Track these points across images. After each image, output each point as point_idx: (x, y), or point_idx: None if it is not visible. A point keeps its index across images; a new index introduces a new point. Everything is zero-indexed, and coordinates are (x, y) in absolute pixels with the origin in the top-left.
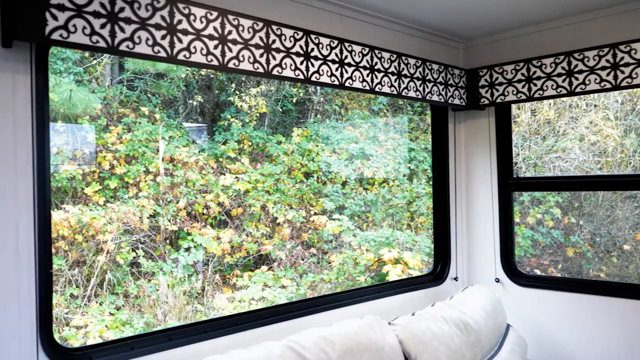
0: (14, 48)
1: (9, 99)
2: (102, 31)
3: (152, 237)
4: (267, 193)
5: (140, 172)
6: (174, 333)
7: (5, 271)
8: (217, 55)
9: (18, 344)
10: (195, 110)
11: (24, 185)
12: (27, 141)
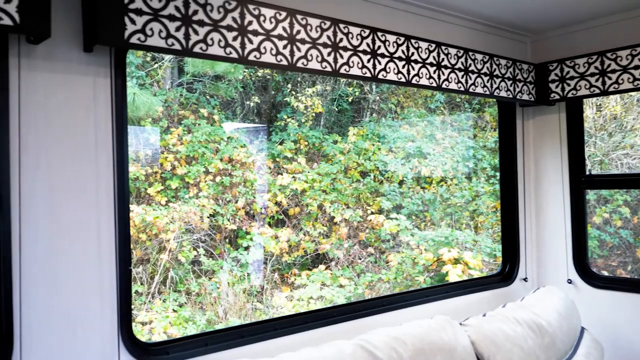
0: (95, 52)
1: (91, 101)
2: (177, 34)
3: (212, 236)
4: (324, 192)
5: (200, 172)
6: (245, 331)
7: (88, 268)
8: (286, 55)
9: (100, 338)
10: (252, 111)
11: (104, 185)
12: (107, 142)
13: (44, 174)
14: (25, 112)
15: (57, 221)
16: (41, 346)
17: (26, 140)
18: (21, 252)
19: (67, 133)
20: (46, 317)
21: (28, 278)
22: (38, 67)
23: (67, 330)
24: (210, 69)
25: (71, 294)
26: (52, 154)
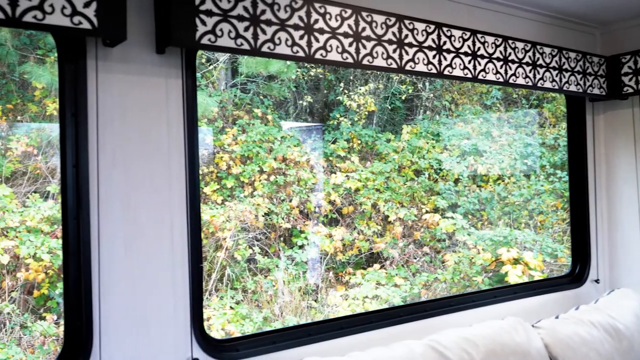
0: (166, 54)
1: (163, 102)
2: (245, 34)
3: (267, 235)
4: (378, 191)
5: (255, 171)
6: (312, 329)
7: (162, 266)
8: (352, 52)
9: (174, 334)
10: (305, 111)
11: (177, 184)
12: (179, 142)
13: (120, 174)
14: (103, 113)
15: (133, 220)
16: (119, 342)
17: (103, 141)
18: (100, 251)
19: (142, 133)
20: (123, 314)
21: (106, 276)
22: (113, 69)
23: (143, 327)
24: (263, 69)
25: (146, 292)
26: (127, 153)
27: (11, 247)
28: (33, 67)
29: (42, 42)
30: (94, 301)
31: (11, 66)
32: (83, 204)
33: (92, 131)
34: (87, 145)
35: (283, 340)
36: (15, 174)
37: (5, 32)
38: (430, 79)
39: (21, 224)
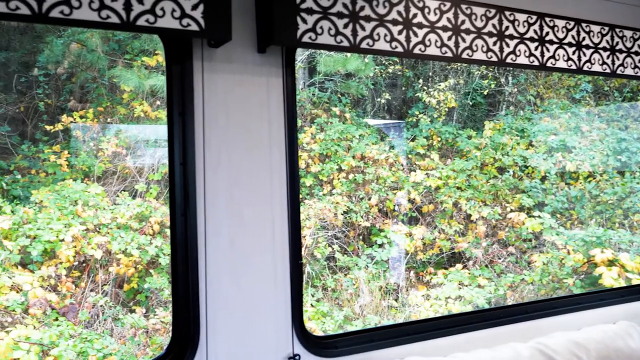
0: (267, 53)
1: (265, 101)
2: (345, 31)
3: (346, 233)
4: (459, 189)
5: (334, 169)
6: (411, 328)
7: (264, 261)
8: (450, 46)
9: (275, 330)
10: (383, 108)
11: (278, 181)
12: (280, 139)
13: (224, 171)
14: (208, 112)
15: (237, 216)
16: (223, 336)
17: (209, 139)
18: (206, 246)
19: (244, 131)
20: (227, 309)
21: (212, 272)
22: (218, 69)
23: (246, 322)
24: (341, 67)
25: (249, 288)
26: (231, 151)
27: (104, 242)
28: (122, 71)
29: (129, 47)
30: (200, 296)
31: (101, 71)
32: (190, 200)
33: (199, 130)
34: (194, 143)
35: (381, 338)
36: (106, 173)
37: (96, 38)
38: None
39: (112, 221)
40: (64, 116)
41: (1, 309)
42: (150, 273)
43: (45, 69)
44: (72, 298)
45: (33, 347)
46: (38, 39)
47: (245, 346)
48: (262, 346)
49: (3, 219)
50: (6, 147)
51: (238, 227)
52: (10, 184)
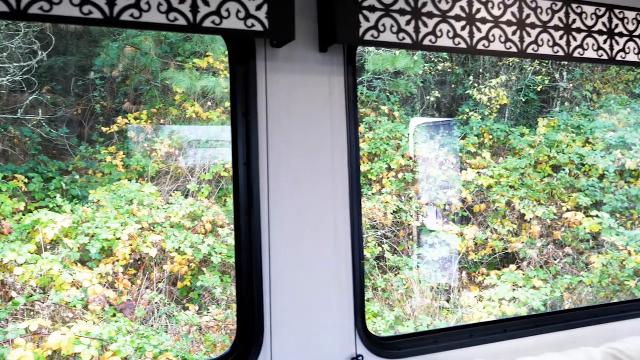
0: (329, 52)
1: (327, 100)
2: (407, 28)
3: (396, 233)
4: (512, 188)
5: (383, 169)
6: (475, 330)
7: (327, 262)
8: (515, 41)
9: (339, 330)
10: (432, 106)
11: (340, 181)
12: (342, 139)
13: (287, 171)
14: (271, 112)
15: (300, 216)
16: (288, 336)
17: (272, 139)
18: (270, 246)
19: (307, 131)
20: (292, 308)
21: (276, 271)
22: (280, 70)
23: (310, 322)
24: (390, 65)
25: (312, 287)
26: (294, 151)
27: (158, 241)
28: (174, 74)
29: (181, 50)
30: (264, 295)
31: (154, 73)
32: (254, 200)
33: (262, 130)
34: (258, 143)
35: (445, 340)
36: (160, 173)
37: (150, 42)
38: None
39: (166, 220)
40: (119, 118)
41: (63, 305)
42: (203, 271)
43: (101, 73)
44: (128, 295)
45: (93, 342)
46: (94, 44)
47: (309, 346)
48: (325, 346)
49: (64, 217)
50: (65, 148)
51: (301, 227)
52: (69, 184)
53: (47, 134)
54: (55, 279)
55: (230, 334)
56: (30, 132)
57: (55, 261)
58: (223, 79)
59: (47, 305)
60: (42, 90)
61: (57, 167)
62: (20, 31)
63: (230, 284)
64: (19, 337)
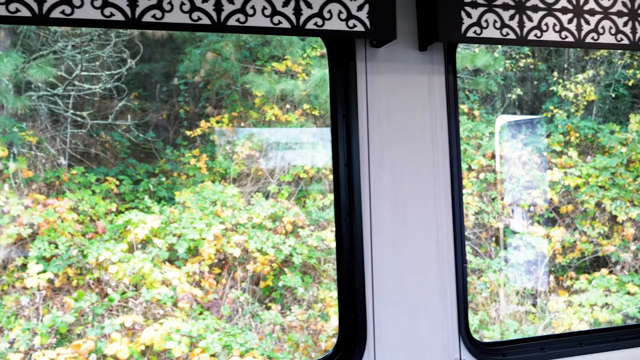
0: (429, 50)
1: (426, 99)
2: (511, 23)
3: (478, 234)
4: (602, 188)
5: (463, 169)
6: (584, 338)
7: (428, 264)
8: (627, 33)
9: (441, 334)
10: (514, 104)
11: (442, 182)
12: (443, 139)
13: (387, 173)
14: (371, 112)
15: (401, 217)
16: (390, 337)
17: (373, 140)
18: (372, 248)
19: (406, 132)
20: (394, 310)
21: (378, 272)
22: (380, 70)
23: (412, 324)
24: (469, 63)
25: (414, 290)
26: (394, 152)
27: (241, 241)
28: (253, 77)
29: (259, 54)
30: (367, 296)
31: (235, 77)
32: (355, 201)
33: (363, 131)
34: (358, 144)
35: (553, 347)
36: (241, 175)
37: (230, 47)
38: None
39: (248, 221)
40: (202, 122)
41: (154, 302)
42: (284, 271)
43: (185, 78)
44: (214, 293)
45: (183, 339)
46: (177, 50)
47: (412, 348)
48: (428, 349)
49: (153, 218)
50: (151, 151)
51: (402, 228)
52: (156, 185)
53: (135, 138)
54: (146, 276)
55: (312, 334)
56: (120, 136)
57: (146, 260)
58: (301, 82)
59: (139, 302)
60: (130, 96)
61: (144, 170)
62: (110, 41)
63: (311, 284)
64: (115, 331)
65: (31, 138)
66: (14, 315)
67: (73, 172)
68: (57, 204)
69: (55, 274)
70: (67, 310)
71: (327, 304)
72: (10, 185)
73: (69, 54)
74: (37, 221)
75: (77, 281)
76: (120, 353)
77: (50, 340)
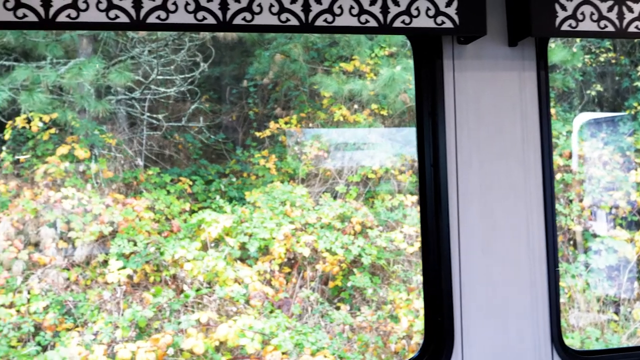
0: (519, 46)
1: (516, 96)
2: (609, 14)
3: None
4: None
5: None
6: None
7: (518, 267)
8: None
9: (532, 339)
10: (592, 101)
11: (533, 183)
12: (534, 139)
13: (475, 173)
14: (459, 112)
15: (490, 219)
16: (478, 341)
17: (460, 140)
18: (460, 250)
19: (496, 130)
20: (482, 314)
21: (466, 273)
22: (468, 67)
23: (502, 329)
24: None
25: (504, 294)
26: (482, 152)
27: (311, 241)
28: (322, 78)
29: (327, 55)
30: (454, 299)
31: (303, 78)
32: (442, 202)
33: (450, 130)
34: (445, 144)
35: None
36: (309, 175)
37: (299, 48)
38: None
39: (317, 221)
40: (271, 123)
41: (227, 299)
42: (353, 272)
43: (254, 80)
44: (284, 292)
45: (256, 336)
46: (245, 53)
47: (501, 354)
48: (518, 356)
49: (225, 217)
50: (221, 152)
51: (492, 231)
52: (227, 186)
53: (206, 139)
54: (219, 274)
55: (382, 335)
56: (192, 137)
57: (219, 258)
58: (369, 82)
59: (213, 299)
60: (201, 99)
61: (215, 170)
62: (184, 45)
63: (380, 285)
64: (191, 327)
65: (110, 140)
66: (97, 309)
67: (149, 172)
68: (135, 203)
69: (134, 270)
70: (145, 305)
71: (396, 306)
72: (92, 185)
73: (145, 59)
74: (117, 219)
75: (153, 277)
76: (196, 348)
77: (130, 334)
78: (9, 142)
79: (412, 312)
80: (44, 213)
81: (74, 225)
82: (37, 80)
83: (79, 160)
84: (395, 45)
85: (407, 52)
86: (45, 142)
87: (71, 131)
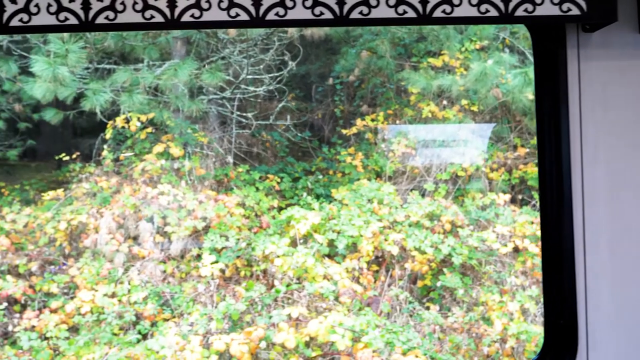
0: None
1: None
2: None
3: None
4: None
5: None
6: None
7: None
8: None
9: None
10: None
11: None
12: None
13: (602, 169)
14: (585, 103)
15: (620, 220)
16: (606, 350)
17: (586, 134)
18: (585, 251)
19: (626, 124)
20: (610, 318)
21: (592, 280)
22: (594, 57)
23: (631, 336)
24: None
25: (635, 298)
26: (610, 147)
27: (399, 239)
28: (409, 74)
29: (415, 50)
30: (578, 303)
31: (389, 75)
32: (565, 201)
33: (574, 124)
34: (569, 139)
35: None
36: (396, 172)
37: (385, 44)
38: None
39: (405, 219)
40: (357, 120)
41: (316, 295)
42: (442, 271)
43: (340, 78)
44: (373, 290)
45: (346, 333)
46: (332, 51)
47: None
48: None
49: (313, 214)
50: (307, 150)
51: (622, 233)
52: (313, 183)
53: (293, 137)
54: (309, 270)
55: (474, 337)
56: (279, 135)
57: (308, 254)
58: (459, 77)
59: (303, 294)
60: (288, 97)
61: (302, 168)
62: (272, 45)
63: (470, 285)
64: (282, 321)
65: (202, 138)
66: (192, 301)
67: (239, 170)
68: (227, 199)
69: (226, 264)
70: (238, 299)
71: (489, 307)
72: (186, 181)
73: (236, 59)
74: (209, 215)
75: (244, 272)
76: (287, 342)
77: (223, 326)
78: (109, 141)
79: (506, 315)
80: (142, 208)
81: (170, 220)
82: (136, 82)
83: (173, 158)
84: (487, 39)
85: (499, 45)
86: (142, 140)
87: (166, 130)
